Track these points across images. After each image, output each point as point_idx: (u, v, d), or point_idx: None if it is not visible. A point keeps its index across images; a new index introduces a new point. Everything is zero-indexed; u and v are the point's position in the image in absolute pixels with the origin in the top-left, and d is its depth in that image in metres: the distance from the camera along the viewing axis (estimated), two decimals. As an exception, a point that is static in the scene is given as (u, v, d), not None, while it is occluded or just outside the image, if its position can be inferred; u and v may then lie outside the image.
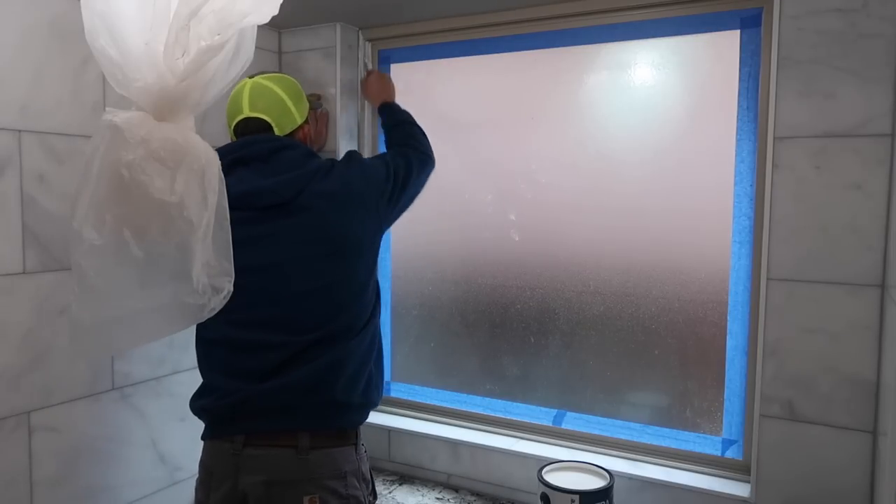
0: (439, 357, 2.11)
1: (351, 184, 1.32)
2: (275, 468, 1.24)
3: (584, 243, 1.87)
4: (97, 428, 1.57)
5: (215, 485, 1.28)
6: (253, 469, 1.24)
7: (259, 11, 1.05)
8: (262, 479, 1.23)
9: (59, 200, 1.44)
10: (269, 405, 1.24)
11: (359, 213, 1.31)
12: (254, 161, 1.29)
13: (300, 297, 1.26)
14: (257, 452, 1.24)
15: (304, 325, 1.26)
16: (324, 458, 1.25)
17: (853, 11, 1.39)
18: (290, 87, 1.40)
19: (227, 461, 1.26)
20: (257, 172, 1.28)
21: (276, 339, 1.25)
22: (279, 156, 1.30)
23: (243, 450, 1.25)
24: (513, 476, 1.88)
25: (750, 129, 1.63)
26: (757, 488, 1.55)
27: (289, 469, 1.23)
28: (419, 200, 1.51)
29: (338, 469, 1.26)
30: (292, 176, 1.27)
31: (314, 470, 1.24)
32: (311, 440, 1.24)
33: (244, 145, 1.32)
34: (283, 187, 1.26)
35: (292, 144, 1.34)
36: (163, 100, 1.04)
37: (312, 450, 1.24)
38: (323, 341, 1.26)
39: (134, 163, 1.00)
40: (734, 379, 1.69)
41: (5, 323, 1.37)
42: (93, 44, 1.02)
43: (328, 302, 1.27)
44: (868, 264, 1.41)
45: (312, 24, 2.03)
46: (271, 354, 1.25)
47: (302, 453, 1.23)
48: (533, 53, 1.91)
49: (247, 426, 1.26)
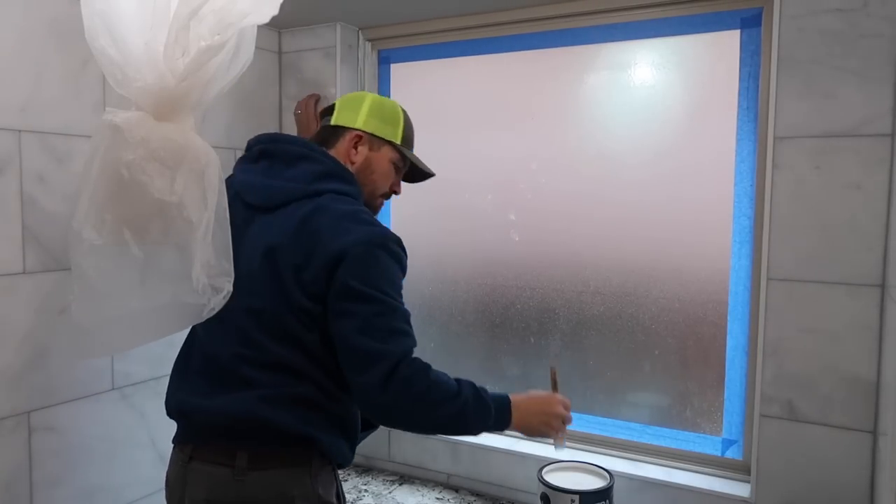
0: (439, 357, 2.11)
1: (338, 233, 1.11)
2: (214, 488, 1.13)
3: (584, 243, 1.87)
4: (97, 428, 1.57)
5: (168, 495, 1.23)
6: (196, 485, 1.15)
7: (259, 11, 1.05)
8: (203, 497, 1.14)
9: (59, 200, 1.44)
10: (209, 424, 1.15)
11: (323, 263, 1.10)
12: (277, 159, 1.24)
13: (241, 310, 1.14)
14: (199, 468, 1.15)
15: (238, 339, 1.15)
16: (264, 482, 1.11)
17: (853, 11, 1.39)
18: (384, 104, 1.32)
19: (178, 472, 1.19)
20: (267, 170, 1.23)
21: (214, 347, 1.17)
22: (300, 165, 1.21)
23: (189, 462, 1.16)
24: (513, 476, 1.88)
25: (750, 129, 1.63)
26: (757, 488, 1.55)
27: (225, 491, 1.12)
28: (420, 199, 1.49)
29: (282, 494, 1.11)
30: (286, 187, 1.19)
31: (254, 494, 1.11)
32: (249, 460, 1.11)
33: (272, 140, 1.27)
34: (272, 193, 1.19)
35: (317, 158, 1.22)
36: (163, 100, 1.04)
37: (251, 471, 1.11)
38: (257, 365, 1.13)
39: (134, 163, 1.00)
40: (734, 379, 1.69)
41: (5, 323, 1.37)
42: (93, 44, 1.02)
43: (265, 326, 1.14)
44: (868, 264, 1.41)
45: (312, 24, 2.03)
46: (215, 364, 1.17)
47: (238, 474, 1.11)
48: (533, 53, 1.90)
49: (194, 438, 1.18)
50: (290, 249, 1.13)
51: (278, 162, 1.24)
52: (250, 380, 1.13)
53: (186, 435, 1.21)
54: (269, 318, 1.14)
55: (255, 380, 1.13)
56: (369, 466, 2.09)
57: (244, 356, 1.14)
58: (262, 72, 2.05)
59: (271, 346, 1.13)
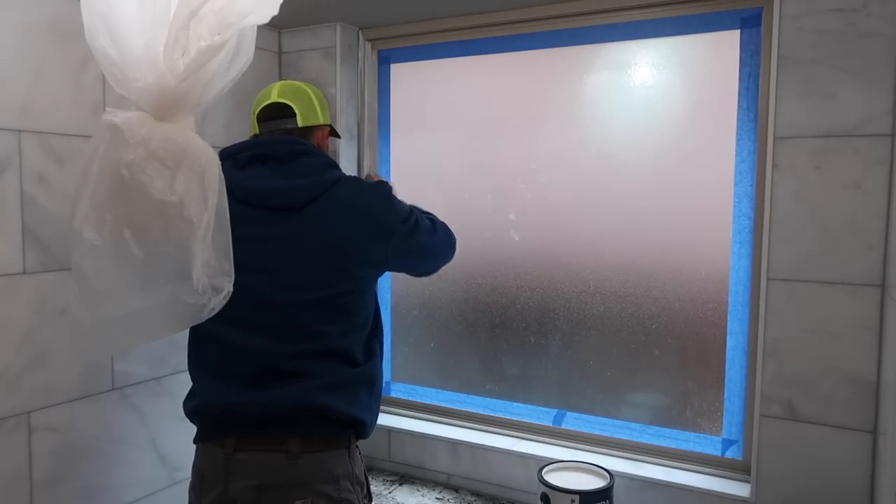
0: (439, 357, 2.11)
1: (370, 204, 1.29)
2: (265, 473, 1.22)
3: (584, 243, 1.87)
4: (97, 428, 1.57)
5: (207, 488, 1.26)
6: (244, 474, 1.22)
7: (259, 11, 1.05)
8: (252, 483, 1.21)
9: (59, 200, 1.44)
10: (258, 415, 1.23)
11: (368, 233, 1.27)
12: (272, 160, 1.28)
13: (293, 305, 1.23)
14: (248, 457, 1.23)
15: (293, 336, 1.24)
16: (315, 463, 1.23)
17: (853, 11, 1.39)
18: (317, 92, 1.46)
19: (218, 465, 1.25)
20: (274, 172, 1.27)
21: (262, 344, 1.23)
22: (299, 160, 1.29)
23: (234, 454, 1.23)
24: (513, 476, 1.88)
25: (750, 129, 1.63)
26: (757, 488, 1.55)
27: (279, 474, 1.22)
28: (420, 199, 1.50)
29: (329, 473, 1.24)
30: (308, 182, 1.26)
31: (305, 474, 1.22)
32: (302, 445, 1.23)
33: (266, 143, 1.31)
34: (297, 192, 1.25)
35: (313, 151, 1.32)
36: (163, 100, 1.04)
37: (303, 454, 1.22)
38: (311, 356, 1.24)
39: (134, 163, 1.00)
40: (734, 379, 1.69)
41: (5, 323, 1.37)
42: (93, 44, 1.02)
43: (321, 315, 1.25)
44: (868, 264, 1.41)
45: (312, 24, 2.03)
46: (258, 360, 1.24)
47: (292, 458, 1.22)
48: (533, 53, 1.91)
49: (237, 431, 1.24)
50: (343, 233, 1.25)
51: (278, 161, 1.28)
52: (305, 371, 1.24)
53: (226, 430, 1.25)
54: (331, 304, 1.25)
55: (310, 370, 1.24)
56: (369, 466, 2.09)
57: (302, 350, 1.24)
58: (262, 72, 2.05)
59: (335, 337, 1.26)
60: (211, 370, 1.28)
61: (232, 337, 1.25)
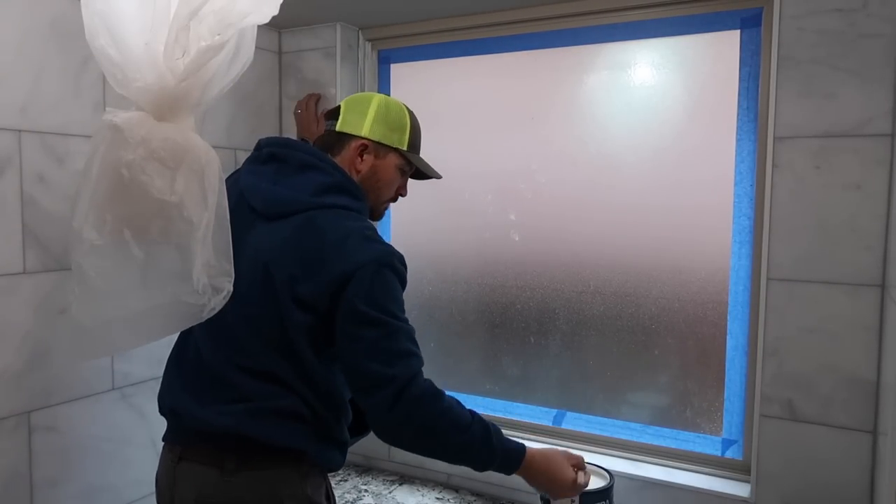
0: (439, 357, 2.11)
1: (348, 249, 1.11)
2: (202, 488, 1.14)
3: (584, 243, 1.87)
4: (97, 428, 1.57)
5: (158, 495, 1.23)
6: (185, 485, 1.15)
7: (259, 11, 1.05)
8: (192, 497, 1.14)
9: (59, 200, 1.44)
10: (198, 428, 1.15)
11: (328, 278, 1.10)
12: (285, 164, 1.22)
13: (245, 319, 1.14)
14: (188, 468, 1.16)
15: (236, 347, 1.15)
16: (252, 482, 1.12)
17: (853, 11, 1.39)
18: (390, 108, 1.29)
19: (167, 472, 1.20)
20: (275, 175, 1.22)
21: (208, 352, 1.17)
22: (307, 174, 1.20)
23: (179, 463, 1.17)
24: (513, 476, 1.87)
25: (750, 129, 1.63)
26: (757, 488, 1.55)
27: (214, 491, 1.12)
28: (420, 199, 1.48)
29: (272, 494, 1.12)
30: (294, 197, 1.17)
31: (242, 493, 1.11)
32: (238, 461, 1.12)
33: (285, 145, 1.25)
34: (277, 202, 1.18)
35: (326, 169, 1.21)
36: (163, 100, 1.04)
37: (239, 472, 1.12)
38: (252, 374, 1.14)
39: (134, 163, 1.00)
40: (734, 379, 1.69)
41: (5, 323, 1.37)
42: (93, 44, 1.02)
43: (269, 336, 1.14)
44: (868, 264, 1.41)
45: (312, 24, 2.03)
46: (202, 368, 1.17)
47: (226, 475, 1.12)
48: (533, 53, 1.91)
49: (183, 438, 1.18)
50: (289, 262, 1.13)
51: (287, 168, 1.22)
52: (239, 388, 1.14)
53: (176, 435, 1.21)
54: (264, 327, 1.14)
55: (244, 389, 1.14)
56: (369, 466, 2.09)
57: (236, 363, 1.15)
58: (262, 72, 2.05)
59: (263, 356, 1.14)
60: (173, 367, 1.25)
61: (198, 337, 1.20)
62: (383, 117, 1.28)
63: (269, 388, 1.14)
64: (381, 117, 1.28)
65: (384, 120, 1.28)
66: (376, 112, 1.28)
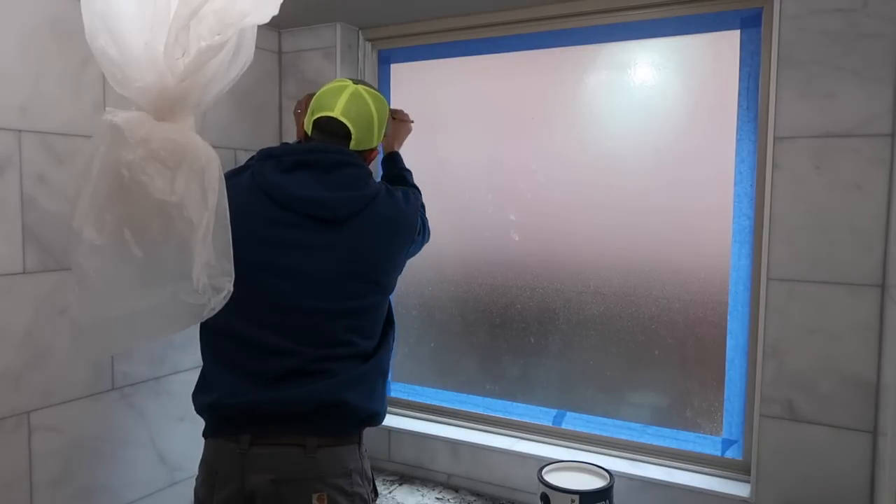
0: (439, 357, 2.11)
1: (406, 218, 1.39)
2: (283, 467, 1.25)
3: (584, 243, 1.87)
4: (97, 428, 1.57)
5: (220, 484, 1.27)
6: (260, 468, 1.24)
7: (259, 11, 1.05)
8: (270, 477, 1.24)
9: (59, 200, 1.44)
10: (279, 412, 1.25)
11: (401, 245, 1.38)
12: (316, 168, 1.31)
13: (323, 313, 1.27)
14: (265, 451, 1.25)
15: (322, 341, 1.28)
16: (330, 457, 1.27)
17: (853, 11, 1.39)
18: (382, 109, 1.43)
19: (232, 460, 1.26)
20: (318, 181, 1.29)
21: (289, 346, 1.26)
22: (343, 171, 1.32)
23: (250, 449, 1.25)
24: (513, 476, 1.88)
25: (750, 129, 1.63)
26: (757, 488, 1.55)
27: (297, 468, 1.25)
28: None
29: (344, 467, 1.28)
30: (350, 196, 1.30)
31: (322, 468, 1.25)
32: (319, 440, 1.26)
33: (312, 150, 1.33)
34: (339, 205, 1.29)
35: (357, 163, 1.35)
36: (163, 100, 1.04)
37: (320, 448, 1.26)
38: (337, 359, 1.28)
39: (134, 163, 1.00)
40: (734, 379, 1.69)
41: (5, 323, 1.37)
42: (93, 44, 1.02)
43: (350, 324, 1.30)
44: (868, 264, 1.41)
45: (312, 24, 2.03)
46: (284, 361, 1.26)
47: (310, 452, 1.25)
48: (533, 53, 1.91)
49: (253, 427, 1.26)
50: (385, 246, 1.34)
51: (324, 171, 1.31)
52: (328, 370, 1.27)
53: (241, 426, 1.27)
54: (360, 313, 1.31)
55: (332, 369, 1.28)
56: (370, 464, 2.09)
57: (329, 354, 1.28)
58: (262, 72, 2.05)
59: (360, 343, 1.31)
60: (231, 367, 1.29)
61: (254, 334, 1.27)
62: (381, 121, 1.43)
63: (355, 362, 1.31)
64: (380, 122, 1.43)
65: (381, 123, 1.44)
66: (378, 119, 1.41)
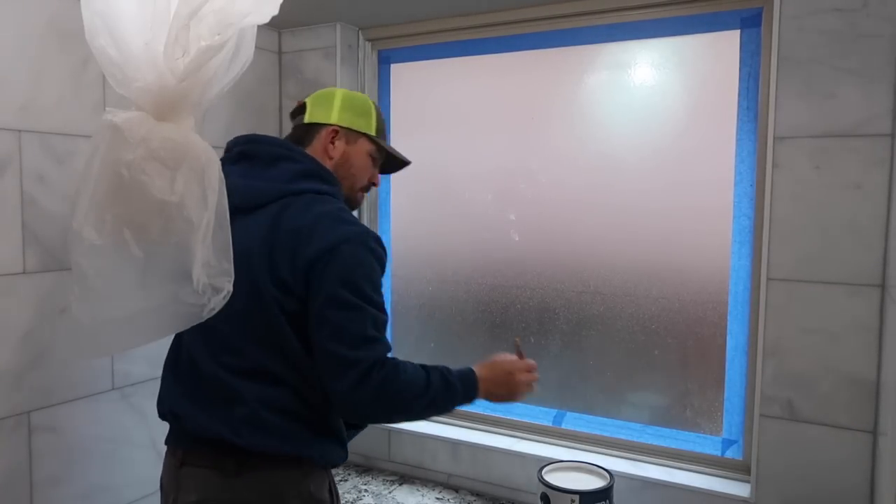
0: (439, 357, 2.11)
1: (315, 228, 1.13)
2: (205, 490, 1.15)
3: (584, 243, 1.87)
4: (97, 428, 1.57)
5: (163, 498, 1.24)
6: (188, 488, 1.16)
7: (259, 11, 1.05)
8: (194, 500, 1.15)
9: (59, 200, 1.44)
10: (198, 433, 1.16)
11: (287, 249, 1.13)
12: (257, 160, 1.24)
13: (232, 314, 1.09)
14: (191, 472, 1.17)
15: (234, 350, 1.15)
16: (256, 482, 1.13)
17: (853, 11, 1.39)
18: (355, 97, 1.33)
19: (171, 475, 1.21)
20: (258, 172, 1.23)
21: (209, 357, 1.16)
22: (277, 165, 1.22)
23: (181, 467, 1.18)
24: (513, 476, 1.88)
25: (750, 129, 1.63)
26: (757, 488, 1.55)
27: (216, 494, 1.14)
28: (420, 199, 1.50)
29: (275, 493, 1.13)
30: (270, 187, 1.19)
31: (245, 495, 1.13)
32: (238, 464, 1.13)
33: (251, 141, 1.28)
34: (255, 194, 1.19)
35: (296, 157, 1.23)
36: (163, 100, 1.04)
37: (242, 473, 1.13)
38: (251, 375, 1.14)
39: (134, 163, 1.00)
40: (734, 379, 1.69)
41: (5, 323, 1.37)
42: (93, 44, 1.02)
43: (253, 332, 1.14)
44: (868, 264, 1.41)
45: (312, 24, 2.03)
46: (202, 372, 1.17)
47: (228, 476, 1.13)
48: (533, 53, 1.91)
49: (185, 442, 1.19)
50: (268, 250, 1.14)
51: (258, 163, 1.24)
52: (232, 390, 1.14)
53: (178, 439, 1.22)
54: (249, 320, 1.14)
55: (237, 391, 1.13)
56: (369, 466, 2.09)
57: (227, 364, 1.15)
58: (262, 72, 2.05)
59: (251, 351, 1.14)
60: (169, 373, 1.25)
61: (187, 340, 1.21)
62: (349, 105, 1.32)
63: (260, 387, 1.14)
64: (347, 105, 1.32)
65: (350, 107, 1.32)
66: (342, 101, 1.32)
